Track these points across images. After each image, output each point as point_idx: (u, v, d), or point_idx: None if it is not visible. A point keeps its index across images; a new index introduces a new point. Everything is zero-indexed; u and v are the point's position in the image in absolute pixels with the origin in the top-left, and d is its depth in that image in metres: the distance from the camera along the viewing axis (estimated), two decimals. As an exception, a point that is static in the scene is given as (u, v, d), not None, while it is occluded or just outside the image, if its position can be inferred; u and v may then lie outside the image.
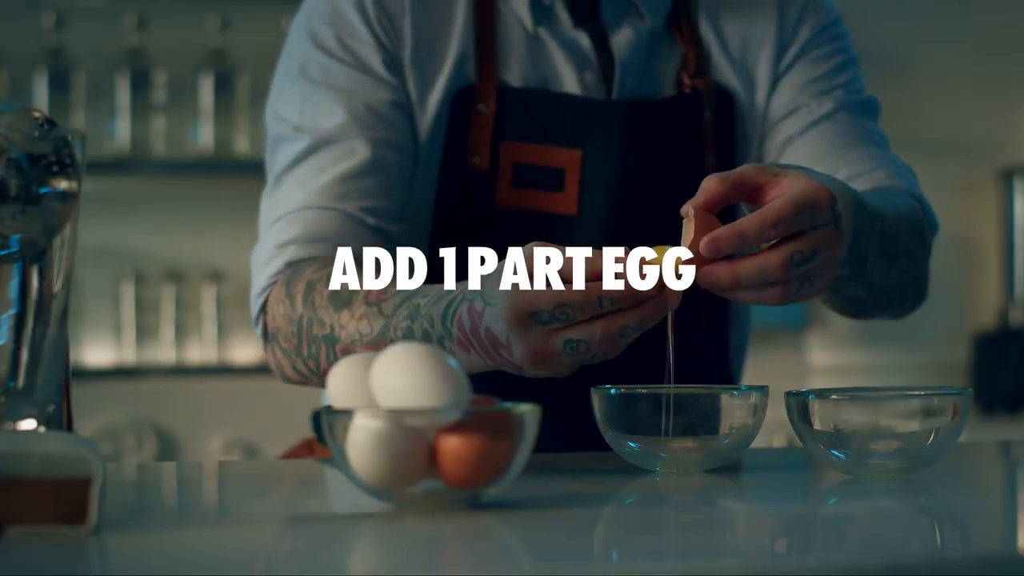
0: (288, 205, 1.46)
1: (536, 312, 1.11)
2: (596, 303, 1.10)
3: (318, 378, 1.39)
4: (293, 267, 1.43)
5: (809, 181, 1.14)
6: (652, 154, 1.51)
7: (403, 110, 1.48)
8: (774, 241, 1.13)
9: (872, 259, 1.31)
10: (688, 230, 1.13)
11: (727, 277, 1.12)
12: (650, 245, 1.15)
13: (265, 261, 1.46)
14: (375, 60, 1.48)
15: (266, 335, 1.46)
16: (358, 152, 1.46)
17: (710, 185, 1.14)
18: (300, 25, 1.52)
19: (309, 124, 1.47)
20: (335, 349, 1.34)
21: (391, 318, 1.28)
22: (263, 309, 1.46)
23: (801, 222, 1.12)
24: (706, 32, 1.56)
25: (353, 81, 1.47)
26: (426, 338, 1.23)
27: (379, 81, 1.47)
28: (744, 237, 1.11)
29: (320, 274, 1.38)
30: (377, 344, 1.29)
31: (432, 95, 1.49)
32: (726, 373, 1.58)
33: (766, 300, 1.15)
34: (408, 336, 1.25)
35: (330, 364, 1.34)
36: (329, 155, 1.46)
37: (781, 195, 1.13)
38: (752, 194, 1.15)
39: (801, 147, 1.54)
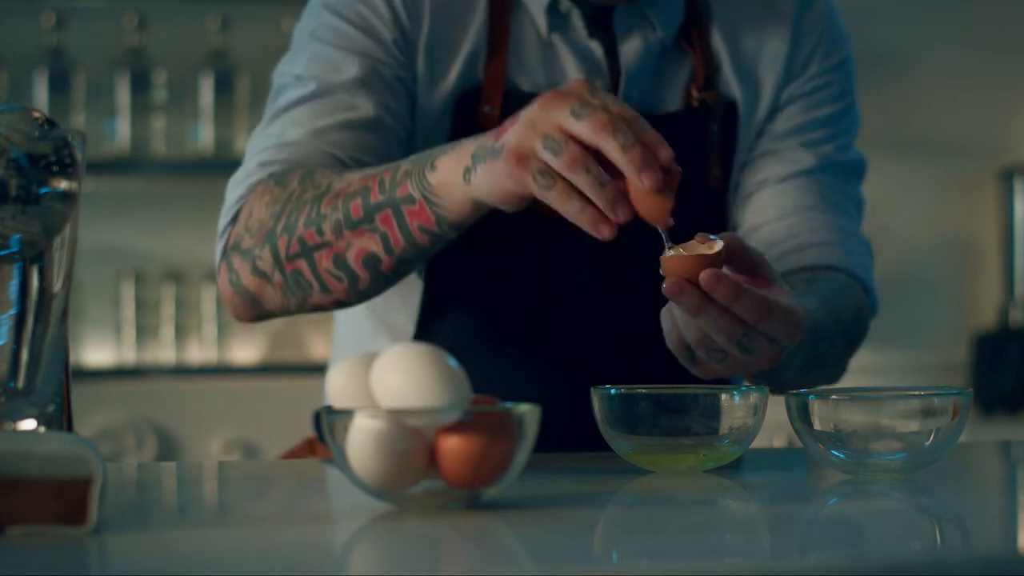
0: (280, 139, 1.45)
1: (566, 93, 1.18)
2: (613, 133, 1.15)
3: (280, 272, 1.37)
4: (278, 175, 1.42)
5: (798, 310, 1.18)
6: None
7: (407, 91, 1.48)
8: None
9: (788, 371, 1.37)
10: (697, 248, 1.16)
11: (693, 300, 1.14)
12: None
13: (244, 176, 1.45)
14: (389, 37, 1.47)
15: (225, 251, 1.43)
16: (360, 108, 1.45)
17: (733, 241, 1.18)
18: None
19: (315, 75, 1.47)
20: (321, 203, 1.33)
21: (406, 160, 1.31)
22: (234, 219, 1.43)
23: (774, 331, 1.17)
24: (718, 44, 1.55)
25: (364, 47, 1.47)
26: (443, 149, 1.28)
27: (390, 55, 1.47)
28: (736, 295, 1.14)
29: (319, 168, 1.39)
30: (378, 173, 1.31)
31: (440, 87, 1.48)
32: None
33: (688, 337, 1.19)
34: (422, 158, 1.29)
35: (306, 229, 1.34)
36: (331, 104, 1.45)
37: (775, 296, 1.17)
38: (750, 271, 1.19)
39: (774, 195, 1.55)
